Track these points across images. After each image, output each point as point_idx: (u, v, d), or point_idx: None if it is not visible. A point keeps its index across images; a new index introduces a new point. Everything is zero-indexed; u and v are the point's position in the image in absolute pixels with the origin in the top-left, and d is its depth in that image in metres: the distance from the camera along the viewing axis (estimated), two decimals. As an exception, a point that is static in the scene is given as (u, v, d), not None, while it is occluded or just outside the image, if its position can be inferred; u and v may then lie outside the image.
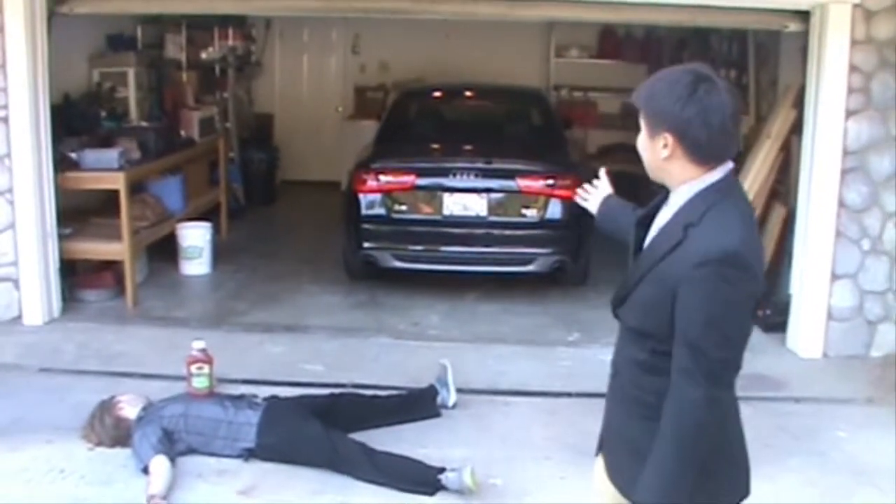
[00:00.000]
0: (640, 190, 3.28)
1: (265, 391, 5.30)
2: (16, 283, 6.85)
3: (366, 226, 7.71)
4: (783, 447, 5.18)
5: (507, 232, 7.66)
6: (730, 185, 2.50)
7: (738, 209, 2.47)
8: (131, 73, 9.30)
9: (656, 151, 2.49)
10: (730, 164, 2.50)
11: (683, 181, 2.49)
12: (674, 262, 2.42)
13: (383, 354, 6.57)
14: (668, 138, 2.44)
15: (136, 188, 7.80)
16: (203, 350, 5.30)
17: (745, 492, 2.65)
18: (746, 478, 2.66)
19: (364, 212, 7.69)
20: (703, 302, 2.36)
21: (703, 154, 2.45)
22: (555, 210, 7.57)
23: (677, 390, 2.41)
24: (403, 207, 7.69)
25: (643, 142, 2.54)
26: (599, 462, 2.86)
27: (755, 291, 2.45)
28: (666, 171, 2.51)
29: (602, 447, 2.85)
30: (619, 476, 2.69)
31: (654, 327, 2.49)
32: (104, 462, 4.82)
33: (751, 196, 7.22)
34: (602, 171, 3.32)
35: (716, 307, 2.36)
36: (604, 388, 2.78)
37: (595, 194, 3.28)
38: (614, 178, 3.26)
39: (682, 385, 2.40)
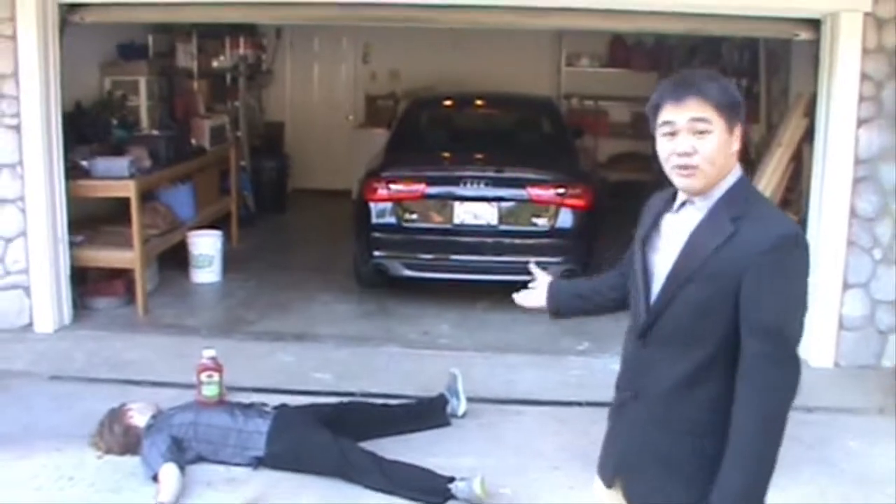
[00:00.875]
0: (645, 198, 3.27)
1: (275, 399, 5.29)
2: (27, 290, 6.87)
3: (376, 234, 7.72)
4: (794, 457, 5.14)
5: (518, 241, 7.65)
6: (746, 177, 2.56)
7: (766, 198, 2.56)
8: (143, 82, 9.35)
9: (730, 147, 2.49)
10: None
11: (723, 176, 2.50)
12: (729, 255, 2.42)
13: (393, 363, 6.57)
14: (740, 128, 2.49)
15: (146, 196, 7.82)
16: (213, 358, 5.30)
17: None
18: None
19: (374, 220, 7.70)
20: (784, 287, 2.40)
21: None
22: (565, 219, 7.56)
23: (762, 378, 2.40)
24: (414, 216, 7.69)
25: (719, 142, 2.46)
26: (608, 491, 2.80)
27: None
28: (725, 168, 2.50)
29: (616, 473, 2.76)
30: (654, 499, 2.62)
31: (708, 327, 2.47)
32: (113, 470, 4.82)
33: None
34: (531, 265, 3.32)
35: (794, 288, 2.42)
36: (614, 398, 2.76)
37: (535, 290, 3.22)
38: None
39: (765, 372, 2.40)
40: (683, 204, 2.58)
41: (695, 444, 2.49)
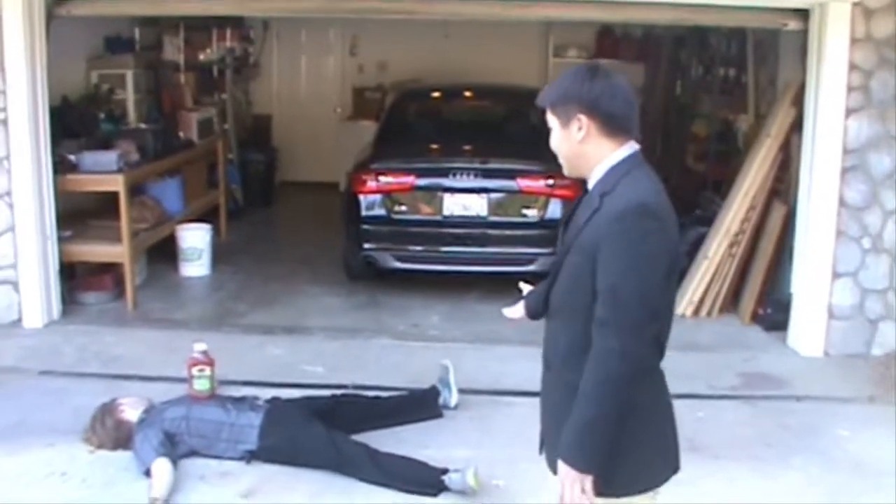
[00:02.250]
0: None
1: (266, 393, 5.29)
2: (15, 285, 6.84)
3: (366, 227, 7.70)
4: (785, 446, 5.18)
5: (508, 232, 7.65)
6: (639, 159, 2.69)
7: (648, 175, 2.65)
8: (129, 75, 9.32)
9: (572, 137, 2.66)
10: (636, 144, 2.68)
11: (599, 161, 2.67)
12: (592, 227, 2.58)
13: (384, 355, 6.56)
14: (582, 119, 2.63)
15: (135, 190, 7.79)
16: (204, 352, 5.29)
17: (676, 466, 2.77)
18: (676, 451, 2.77)
19: (364, 213, 7.68)
20: (621, 252, 2.51)
21: (613, 125, 2.64)
22: (555, 210, 7.54)
23: (596, 342, 2.53)
24: (403, 208, 7.69)
25: (558, 136, 2.71)
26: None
27: (670, 248, 2.59)
28: (583, 155, 2.68)
29: (541, 439, 2.93)
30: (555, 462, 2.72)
31: (580, 297, 2.60)
32: (106, 465, 4.81)
33: (751, 195, 7.24)
34: (520, 283, 3.45)
35: (633, 256, 2.51)
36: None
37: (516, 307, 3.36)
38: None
39: (600, 336, 2.52)
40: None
41: None
